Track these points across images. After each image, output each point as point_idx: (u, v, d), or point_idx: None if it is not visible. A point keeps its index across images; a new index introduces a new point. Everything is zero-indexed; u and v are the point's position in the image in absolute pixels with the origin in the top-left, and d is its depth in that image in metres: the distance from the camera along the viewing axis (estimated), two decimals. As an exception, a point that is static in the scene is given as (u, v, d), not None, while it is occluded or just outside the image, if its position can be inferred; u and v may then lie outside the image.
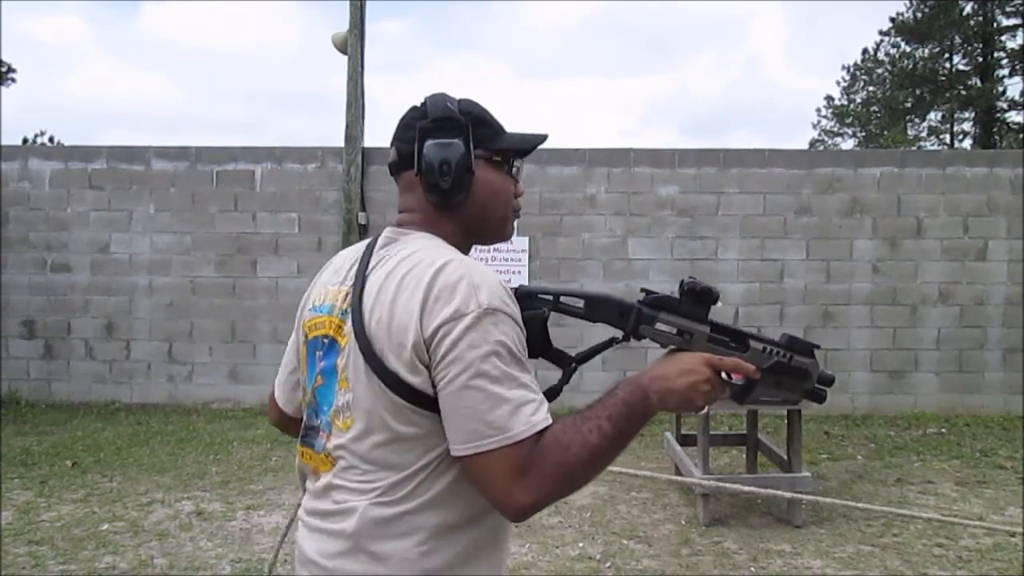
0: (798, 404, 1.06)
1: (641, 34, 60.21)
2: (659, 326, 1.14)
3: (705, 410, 1.13)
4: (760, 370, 1.13)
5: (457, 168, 1.13)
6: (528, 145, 1.23)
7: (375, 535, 1.07)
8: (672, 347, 1.15)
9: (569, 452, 1.01)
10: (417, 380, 1.04)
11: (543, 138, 1.24)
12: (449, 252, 1.12)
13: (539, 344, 1.14)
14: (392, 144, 1.22)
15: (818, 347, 1.15)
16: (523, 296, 1.14)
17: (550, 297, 1.16)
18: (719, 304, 1.16)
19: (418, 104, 1.22)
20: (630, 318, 1.15)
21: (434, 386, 1.04)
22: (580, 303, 1.17)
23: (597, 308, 1.16)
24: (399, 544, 1.07)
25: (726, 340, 1.15)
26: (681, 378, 1.09)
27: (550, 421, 1.03)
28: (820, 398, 1.15)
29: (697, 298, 1.15)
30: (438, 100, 1.19)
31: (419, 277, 1.06)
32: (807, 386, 1.13)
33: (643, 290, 1.18)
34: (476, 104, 1.23)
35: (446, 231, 1.18)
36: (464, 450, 1.01)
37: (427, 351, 1.03)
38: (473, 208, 1.18)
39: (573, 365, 1.22)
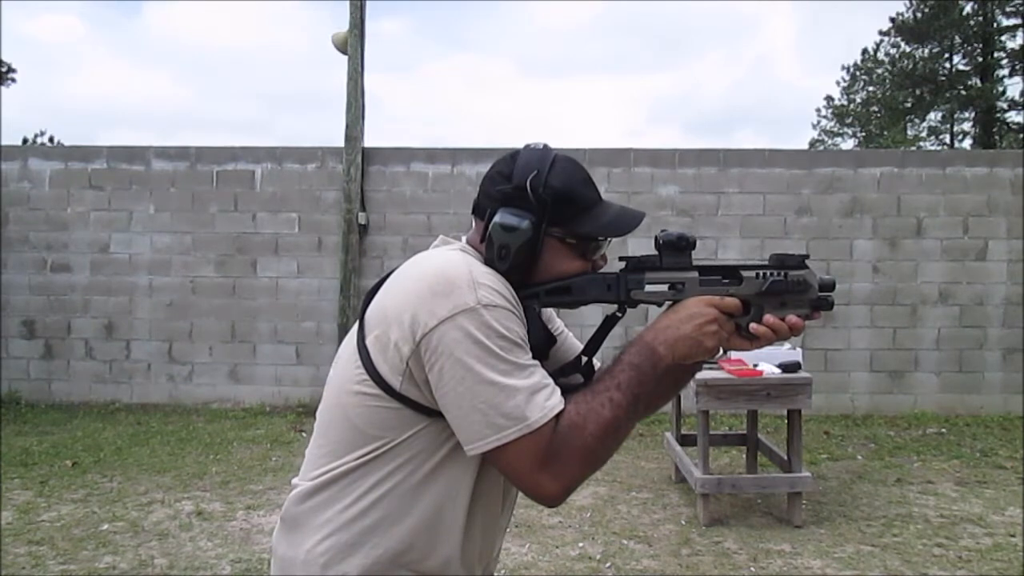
0: (813, 318, 1.07)
1: (647, 33, 60.24)
2: (648, 287, 1.13)
3: (720, 353, 1.12)
4: (758, 295, 1.11)
5: (516, 255, 1.08)
6: (614, 232, 1.14)
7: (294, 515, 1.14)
8: (669, 303, 1.13)
9: (586, 432, 1.01)
10: (386, 368, 1.04)
11: (636, 222, 1.15)
12: (454, 252, 1.12)
13: (542, 342, 1.12)
14: (481, 183, 1.17)
15: (807, 256, 1.15)
16: None
17: (536, 294, 1.13)
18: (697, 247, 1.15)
19: (517, 152, 1.14)
20: (619, 287, 1.14)
21: (412, 381, 1.03)
22: (567, 290, 1.14)
23: (584, 289, 1.14)
24: (307, 536, 1.10)
25: (718, 278, 1.13)
26: (686, 324, 1.07)
27: (564, 403, 1.03)
28: (829, 304, 1.14)
29: (675, 248, 1.13)
30: (529, 161, 1.11)
31: (417, 272, 1.07)
32: (811, 296, 1.13)
33: (621, 258, 1.17)
34: (569, 172, 1.13)
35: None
36: (484, 445, 1.00)
37: (417, 347, 1.02)
38: (529, 277, 1.13)
39: (585, 360, 1.21)
